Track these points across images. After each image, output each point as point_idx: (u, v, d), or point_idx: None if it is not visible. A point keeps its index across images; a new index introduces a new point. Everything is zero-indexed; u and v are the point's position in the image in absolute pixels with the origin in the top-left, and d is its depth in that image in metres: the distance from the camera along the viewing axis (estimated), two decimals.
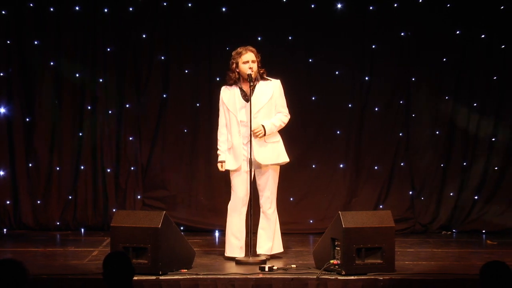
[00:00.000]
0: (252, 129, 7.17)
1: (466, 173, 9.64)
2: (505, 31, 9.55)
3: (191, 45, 9.58)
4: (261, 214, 7.37)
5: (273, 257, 7.40)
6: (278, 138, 7.41)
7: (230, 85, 7.39)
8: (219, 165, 7.44)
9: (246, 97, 7.27)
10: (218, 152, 7.46)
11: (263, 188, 7.37)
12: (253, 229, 7.26)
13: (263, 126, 7.24)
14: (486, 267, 4.43)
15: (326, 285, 6.41)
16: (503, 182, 9.61)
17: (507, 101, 9.61)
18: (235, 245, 7.35)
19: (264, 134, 7.23)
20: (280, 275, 6.52)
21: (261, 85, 7.34)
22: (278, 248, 7.49)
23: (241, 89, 7.35)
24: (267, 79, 7.38)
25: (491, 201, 9.61)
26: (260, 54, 7.36)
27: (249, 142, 7.18)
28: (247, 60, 7.25)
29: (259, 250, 7.34)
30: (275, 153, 7.36)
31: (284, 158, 7.41)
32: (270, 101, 7.33)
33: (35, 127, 9.50)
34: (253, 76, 7.20)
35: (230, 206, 7.41)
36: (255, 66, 7.27)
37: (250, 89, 7.21)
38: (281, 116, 7.37)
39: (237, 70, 7.31)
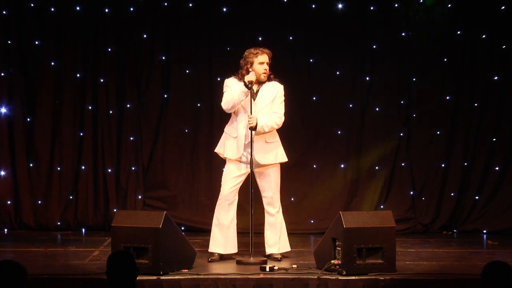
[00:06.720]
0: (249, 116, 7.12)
1: (466, 173, 9.64)
2: (505, 31, 9.54)
3: (192, 45, 9.56)
4: (266, 215, 7.36)
5: (283, 256, 7.41)
6: (277, 138, 7.38)
7: (239, 79, 7.32)
8: (246, 80, 7.13)
9: (252, 96, 7.21)
10: (229, 90, 7.25)
11: (264, 189, 7.36)
12: (254, 229, 7.20)
13: (257, 121, 7.13)
14: (488, 267, 4.42)
15: (327, 285, 6.41)
16: (503, 182, 9.60)
17: (507, 101, 9.61)
18: (219, 240, 7.30)
19: (254, 129, 7.09)
20: (281, 275, 6.53)
21: (266, 86, 7.36)
22: (285, 247, 7.47)
23: None
24: (272, 80, 7.38)
25: (492, 201, 9.61)
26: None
27: (250, 143, 7.14)
28: (263, 61, 7.27)
29: (269, 250, 7.33)
30: (273, 153, 7.33)
31: (282, 158, 7.39)
32: (272, 103, 7.33)
33: (35, 127, 9.50)
34: (263, 78, 7.23)
35: (218, 202, 7.38)
36: (268, 68, 7.29)
37: (250, 94, 7.16)
38: (275, 117, 7.27)
39: (251, 70, 7.25)
